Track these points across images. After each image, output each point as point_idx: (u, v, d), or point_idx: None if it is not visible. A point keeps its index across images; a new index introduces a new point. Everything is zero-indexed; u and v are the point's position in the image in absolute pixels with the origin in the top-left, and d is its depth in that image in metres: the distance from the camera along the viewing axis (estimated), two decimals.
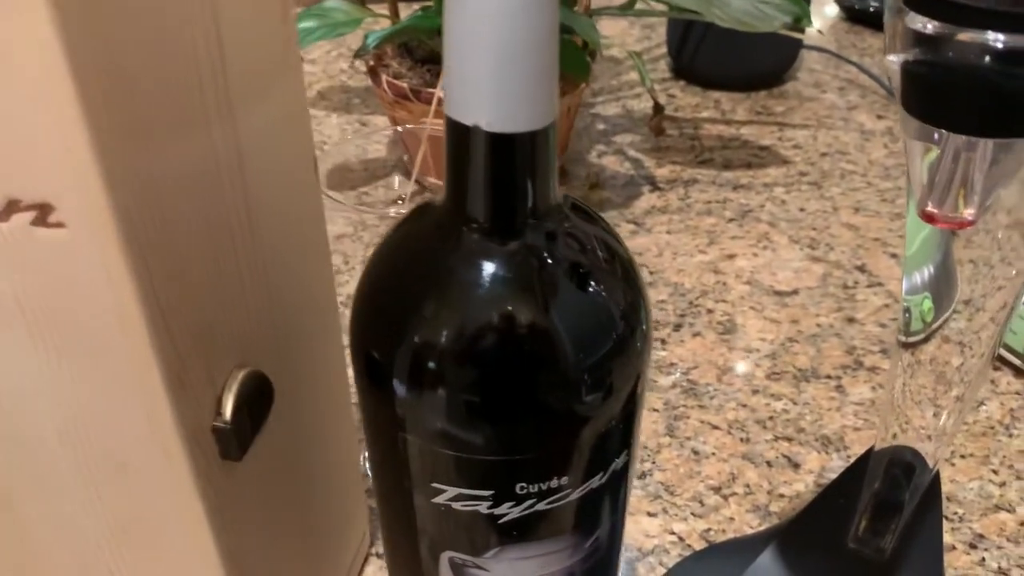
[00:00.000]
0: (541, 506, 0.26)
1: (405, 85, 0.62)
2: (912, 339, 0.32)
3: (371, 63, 0.66)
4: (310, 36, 0.60)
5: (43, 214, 0.20)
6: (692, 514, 0.45)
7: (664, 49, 0.90)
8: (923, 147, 0.23)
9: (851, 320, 0.57)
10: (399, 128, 0.52)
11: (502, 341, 0.23)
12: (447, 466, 0.25)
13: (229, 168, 0.24)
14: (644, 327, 0.26)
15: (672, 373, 0.53)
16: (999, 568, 0.42)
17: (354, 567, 0.41)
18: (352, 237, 0.61)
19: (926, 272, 0.28)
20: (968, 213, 0.24)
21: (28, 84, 0.18)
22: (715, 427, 0.50)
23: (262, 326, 0.27)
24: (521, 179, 0.23)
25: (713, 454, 0.48)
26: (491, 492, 0.25)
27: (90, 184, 0.19)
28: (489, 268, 0.24)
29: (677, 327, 0.57)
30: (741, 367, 0.54)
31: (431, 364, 0.24)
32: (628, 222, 0.67)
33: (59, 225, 0.20)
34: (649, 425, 0.50)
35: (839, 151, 0.76)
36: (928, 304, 0.30)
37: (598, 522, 0.28)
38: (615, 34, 0.98)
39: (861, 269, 0.62)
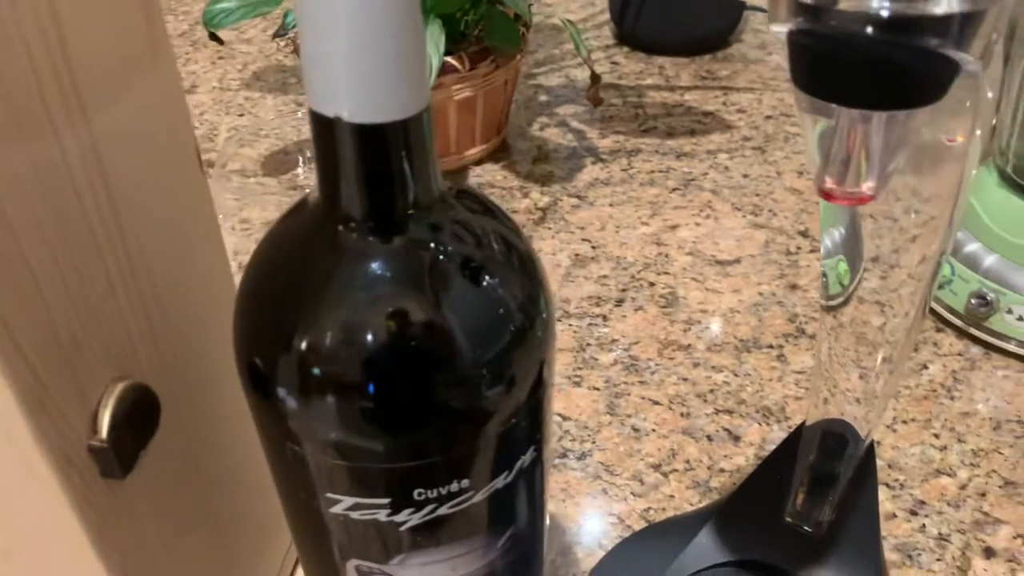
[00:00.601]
0: (444, 510, 0.25)
1: None
2: (832, 302, 0.31)
3: (298, 42, 0.64)
4: (228, 17, 0.58)
5: None
6: (632, 493, 0.44)
7: (608, 15, 0.88)
8: (812, 118, 0.22)
9: (794, 287, 0.57)
10: None
11: (383, 343, 0.22)
12: (339, 476, 0.24)
13: (85, 171, 0.23)
14: (544, 316, 0.25)
15: (614, 350, 0.52)
16: (939, 534, 0.42)
17: (283, 573, 0.39)
18: None
19: (836, 234, 0.27)
20: (867, 187, 0.23)
21: None
22: (656, 403, 0.49)
23: (142, 335, 0.26)
24: (395, 172, 0.22)
25: (653, 431, 0.47)
26: (388, 500, 0.24)
27: None
28: (367, 268, 0.22)
29: (619, 302, 0.56)
30: (682, 340, 0.53)
31: (312, 371, 0.22)
32: (571, 196, 0.66)
33: None
34: (590, 404, 0.49)
35: (784, 113, 0.75)
36: (844, 266, 0.29)
37: (511, 520, 0.27)
38: (558, 1, 0.96)
39: (804, 234, 0.61)
